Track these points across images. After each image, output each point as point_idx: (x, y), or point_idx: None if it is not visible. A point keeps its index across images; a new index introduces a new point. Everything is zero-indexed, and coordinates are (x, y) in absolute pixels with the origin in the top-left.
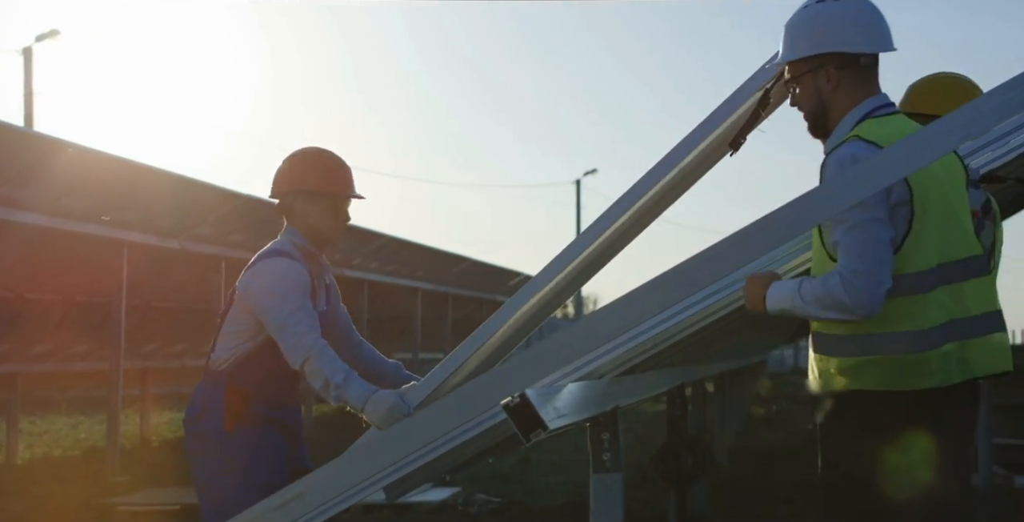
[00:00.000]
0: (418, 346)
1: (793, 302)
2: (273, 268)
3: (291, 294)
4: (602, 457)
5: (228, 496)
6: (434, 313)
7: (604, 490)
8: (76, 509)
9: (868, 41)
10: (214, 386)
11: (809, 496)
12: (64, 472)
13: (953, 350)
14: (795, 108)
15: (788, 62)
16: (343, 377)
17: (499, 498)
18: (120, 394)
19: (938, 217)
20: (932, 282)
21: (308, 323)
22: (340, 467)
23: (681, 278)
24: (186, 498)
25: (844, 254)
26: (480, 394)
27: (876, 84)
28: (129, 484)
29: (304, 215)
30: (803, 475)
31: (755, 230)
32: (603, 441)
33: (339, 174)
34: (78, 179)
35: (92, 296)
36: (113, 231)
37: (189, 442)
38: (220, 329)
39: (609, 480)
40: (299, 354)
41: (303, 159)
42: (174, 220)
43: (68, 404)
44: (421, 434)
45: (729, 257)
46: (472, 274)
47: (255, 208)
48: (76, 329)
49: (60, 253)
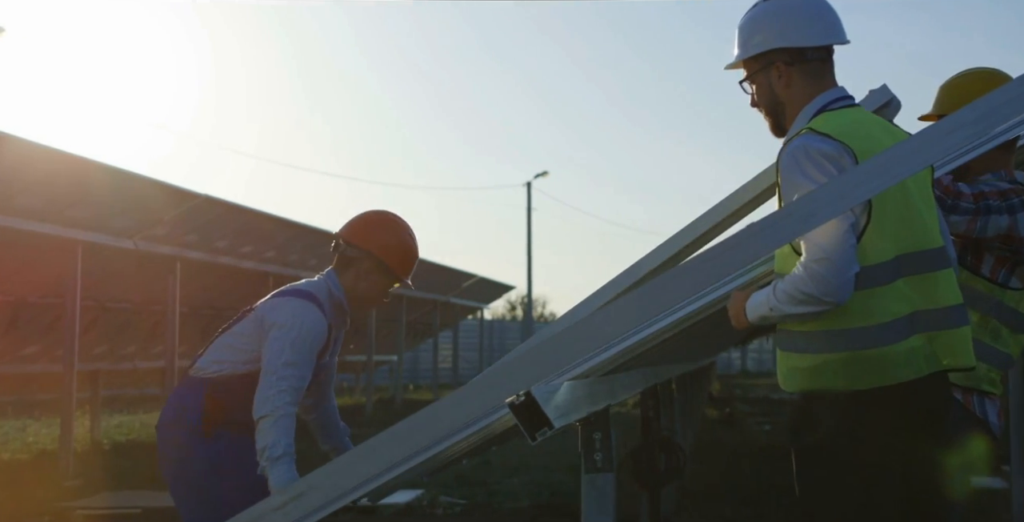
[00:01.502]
0: (373, 349)
1: (770, 305)
2: (302, 312)
3: (301, 345)
4: (594, 457)
5: (217, 498)
6: (388, 315)
7: (595, 490)
8: (32, 514)
9: (813, 34)
10: (193, 392)
11: (772, 498)
12: (16, 476)
13: (920, 344)
14: (755, 108)
15: (741, 62)
16: (280, 453)
17: (463, 500)
18: (74, 397)
19: (896, 208)
20: (892, 274)
21: (294, 383)
22: (343, 465)
23: (684, 277)
24: (146, 502)
25: (807, 245)
26: (482, 393)
27: (831, 78)
28: (83, 488)
29: (361, 277)
30: (763, 476)
31: (760, 229)
32: (595, 441)
33: (413, 263)
34: (30, 176)
35: (44, 297)
36: (67, 230)
37: (165, 450)
38: (218, 338)
39: (601, 480)
40: (265, 407)
41: (395, 230)
42: (129, 220)
43: (14, 407)
44: (424, 433)
45: (736, 255)
46: (426, 276)
47: (211, 209)
48: (27, 330)
49: (11, 252)
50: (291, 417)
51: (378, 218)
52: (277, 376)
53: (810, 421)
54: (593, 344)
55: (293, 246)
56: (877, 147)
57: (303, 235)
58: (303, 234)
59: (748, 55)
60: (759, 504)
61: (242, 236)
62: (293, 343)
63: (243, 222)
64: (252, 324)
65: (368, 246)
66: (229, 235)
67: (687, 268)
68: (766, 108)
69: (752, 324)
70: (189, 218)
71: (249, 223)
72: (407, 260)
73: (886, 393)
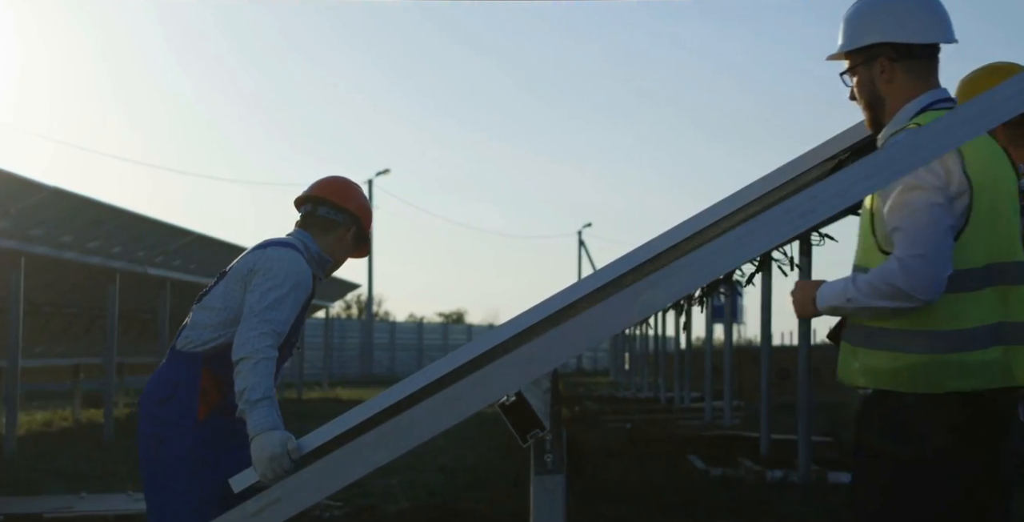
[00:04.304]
0: None
1: (847, 295)
2: (288, 259)
3: (287, 290)
4: (544, 459)
5: (202, 491)
6: None
7: (547, 493)
8: None
9: (921, 31)
10: (188, 368)
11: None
12: None
13: (999, 355)
14: (852, 101)
15: (844, 53)
16: (259, 396)
17: (339, 503)
18: None
19: (991, 215)
20: (981, 281)
21: (276, 327)
22: (325, 468)
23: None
24: (110, 504)
25: (903, 239)
26: (468, 395)
27: (935, 77)
28: None
29: (339, 242)
30: (628, 473)
31: (761, 225)
32: (545, 442)
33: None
34: None
35: None
36: None
37: (151, 426)
38: (197, 306)
39: (551, 482)
40: (245, 348)
41: (369, 207)
42: None
43: None
44: (409, 436)
45: (737, 251)
46: None
47: (59, 201)
48: None
49: None
50: (272, 361)
51: (359, 189)
52: (259, 318)
53: (876, 422)
54: (576, 347)
55: (142, 242)
56: (980, 153)
57: (154, 231)
58: (154, 230)
59: (852, 47)
60: (632, 502)
61: (89, 231)
62: (279, 287)
63: (92, 216)
64: (233, 281)
65: (355, 211)
66: (76, 229)
67: (686, 263)
68: (865, 102)
69: (820, 314)
70: (36, 211)
71: (99, 217)
72: (371, 232)
73: (963, 399)
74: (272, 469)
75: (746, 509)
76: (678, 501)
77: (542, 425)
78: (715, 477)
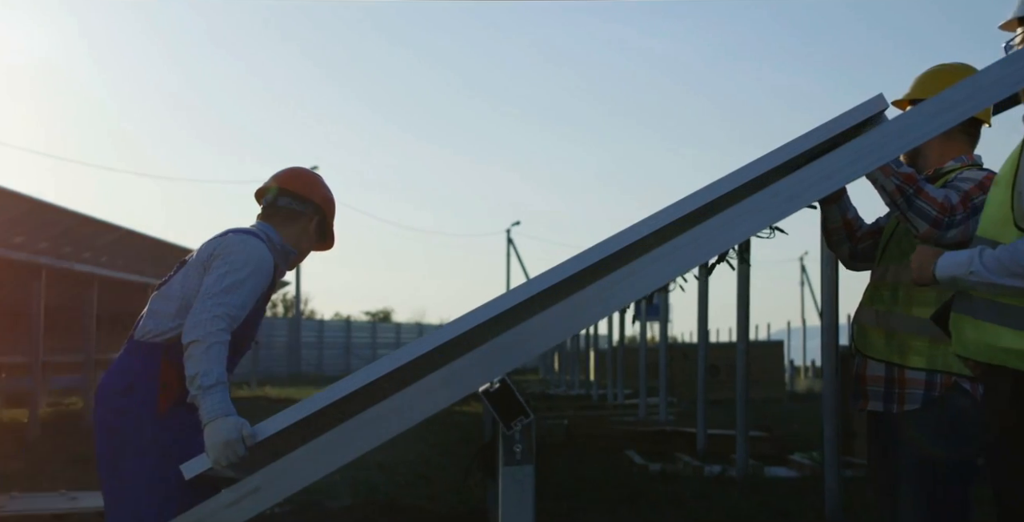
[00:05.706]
0: None
1: (971, 268)
2: (250, 245)
3: (245, 275)
4: (513, 449)
5: (166, 486)
6: None
7: (516, 483)
8: None
9: None
10: (148, 359)
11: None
12: None
13: None
14: None
15: (1016, 20)
16: (212, 382)
17: None
18: None
19: None
20: None
21: (231, 311)
22: (304, 457)
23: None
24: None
25: None
26: (451, 383)
27: None
28: None
29: (303, 233)
30: (570, 469)
31: (747, 210)
32: (515, 432)
33: None
34: None
35: None
36: None
37: (109, 417)
38: (155, 295)
39: (520, 473)
40: (197, 331)
41: (333, 199)
42: None
43: None
44: (390, 425)
45: (724, 234)
46: None
47: None
48: None
49: None
50: (224, 345)
51: (317, 175)
52: (214, 301)
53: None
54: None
55: (68, 237)
56: None
57: (80, 225)
58: (82, 225)
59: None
60: (574, 497)
61: (16, 226)
62: (237, 271)
63: (20, 211)
64: (193, 269)
65: (319, 202)
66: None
67: (673, 247)
68: None
69: (936, 282)
70: None
71: (29, 212)
72: (333, 224)
73: None
74: (226, 456)
75: (687, 503)
76: (620, 496)
77: (527, 412)
78: (654, 472)
